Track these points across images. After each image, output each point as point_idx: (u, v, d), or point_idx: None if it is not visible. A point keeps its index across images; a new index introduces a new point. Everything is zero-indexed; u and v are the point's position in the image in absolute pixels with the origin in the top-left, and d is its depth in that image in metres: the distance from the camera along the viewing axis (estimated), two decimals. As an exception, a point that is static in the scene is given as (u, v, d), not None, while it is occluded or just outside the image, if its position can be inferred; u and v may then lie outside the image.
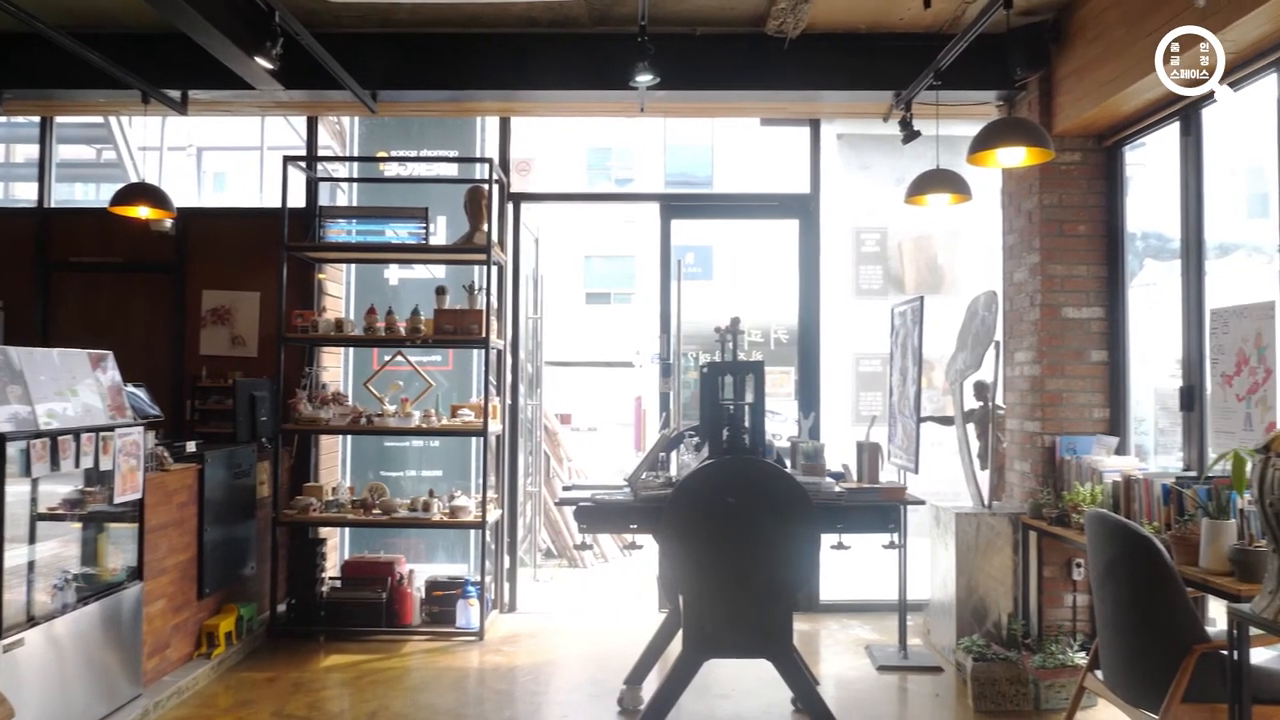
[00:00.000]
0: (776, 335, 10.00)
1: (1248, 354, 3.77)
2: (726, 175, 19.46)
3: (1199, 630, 3.19)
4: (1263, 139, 3.90)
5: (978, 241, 7.88)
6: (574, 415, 20.01)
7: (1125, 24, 4.37)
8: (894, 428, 5.68)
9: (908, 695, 4.73)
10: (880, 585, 5.99)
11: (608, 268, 22.61)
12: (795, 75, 5.40)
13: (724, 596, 3.77)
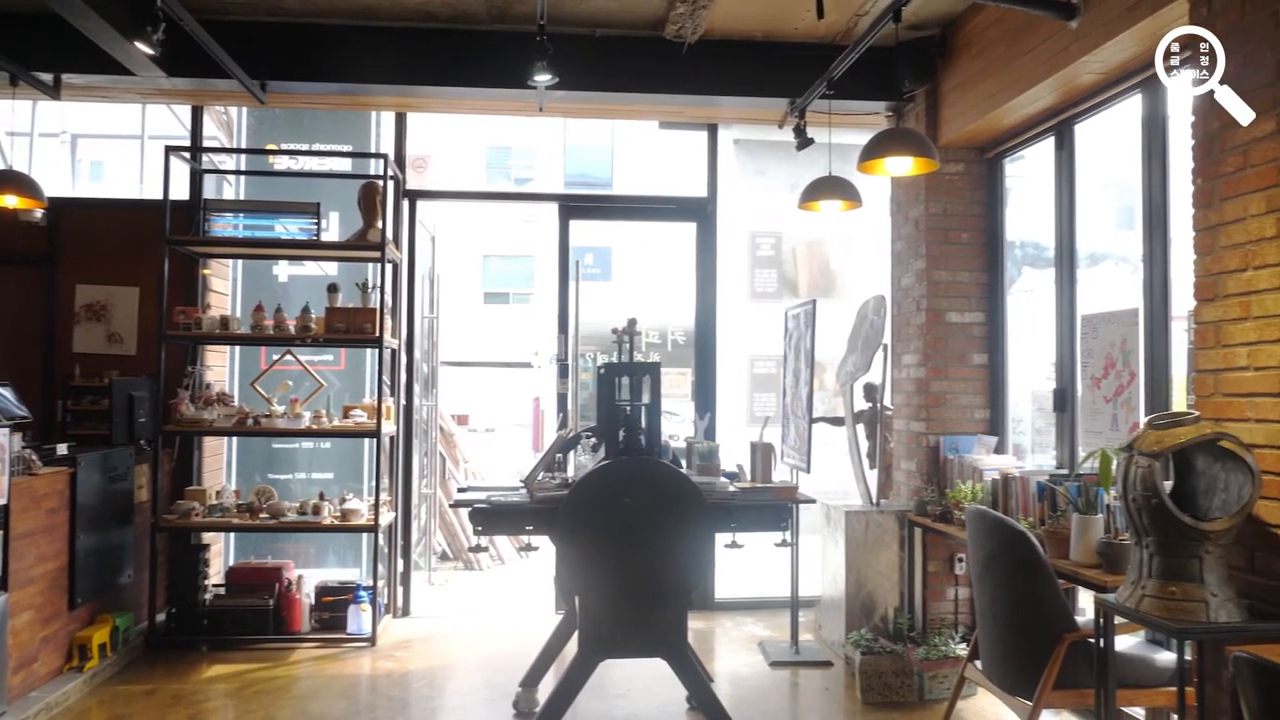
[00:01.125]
0: (674, 337, 10.09)
1: (1115, 358, 3.99)
2: (626, 177, 19.57)
3: (1069, 620, 3.36)
4: (1130, 155, 4.13)
5: (868, 247, 8.12)
6: (471, 416, 19.78)
7: (1005, 41, 4.57)
8: (787, 428, 5.81)
9: (799, 690, 4.84)
10: (774, 582, 6.11)
11: (506, 267, 22.44)
12: (693, 80, 5.46)
13: (620, 597, 3.79)
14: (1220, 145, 2.99)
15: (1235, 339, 2.93)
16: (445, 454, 8.34)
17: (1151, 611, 2.74)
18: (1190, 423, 2.80)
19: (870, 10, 4.91)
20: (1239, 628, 2.64)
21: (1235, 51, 2.93)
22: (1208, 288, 3.05)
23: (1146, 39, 3.69)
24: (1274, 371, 2.77)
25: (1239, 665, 2.28)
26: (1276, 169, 2.77)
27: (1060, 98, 4.46)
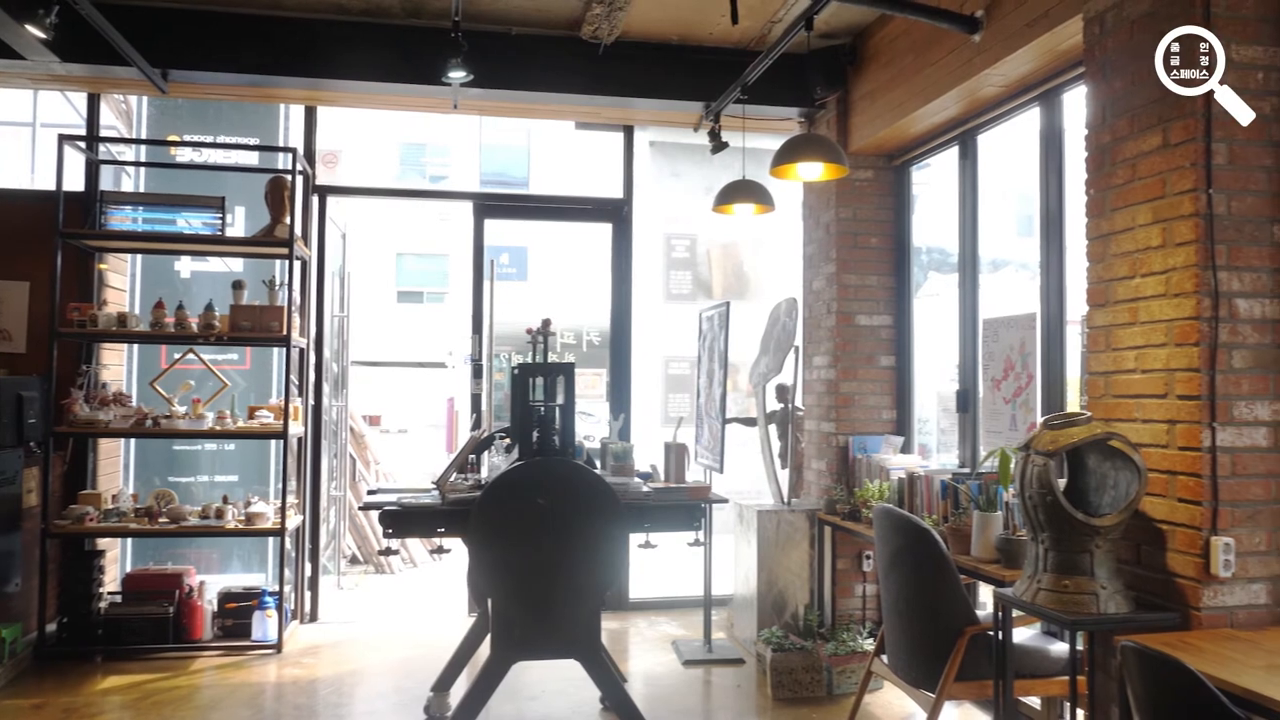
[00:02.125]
0: (589, 338, 10.08)
1: (1014, 361, 4.13)
2: (543, 177, 19.47)
3: (970, 614, 3.47)
4: (1029, 166, 4.29)
5: (781, 250, 8.24)
6: (384, 417, 19.41)
7: (913, 52, 4.70)
8: (701, 429, 5.86)
9: (711, 688, 4.88)
10: (688, 582, 6.16)
11: (420, 266, 22.10)
12: (610, 81, 5.47)
13: (533, 598, 3.77)
14: (1111, 158, 3.13)
15: (1124, 343, 3.07)
16: (356, 455, 8.18)
17: (1046, 604, 2.85)
18: (1083, 423, 2.93)
19: (784, 18, 5.00)
20: (1126, 618, 2.77)
21: (1124, 70, 3.07)
22: (1099, 294, 3.19)
23: (1044, 54, 3.85)
24: (1159, 374, 2.91)
25: (1125, 654, 2.39)
26: (1162, 182, 2.91)
27: (964, 108, 4.61)
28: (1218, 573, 2.74)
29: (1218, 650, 2.51)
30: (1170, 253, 2.88)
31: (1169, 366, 2.88)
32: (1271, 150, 2.86)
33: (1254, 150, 2.85)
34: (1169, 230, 2.88)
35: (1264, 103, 2.85)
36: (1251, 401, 2.81)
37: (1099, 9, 3.21)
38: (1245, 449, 2.80)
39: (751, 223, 8.02)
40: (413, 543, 7.98)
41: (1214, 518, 2.76)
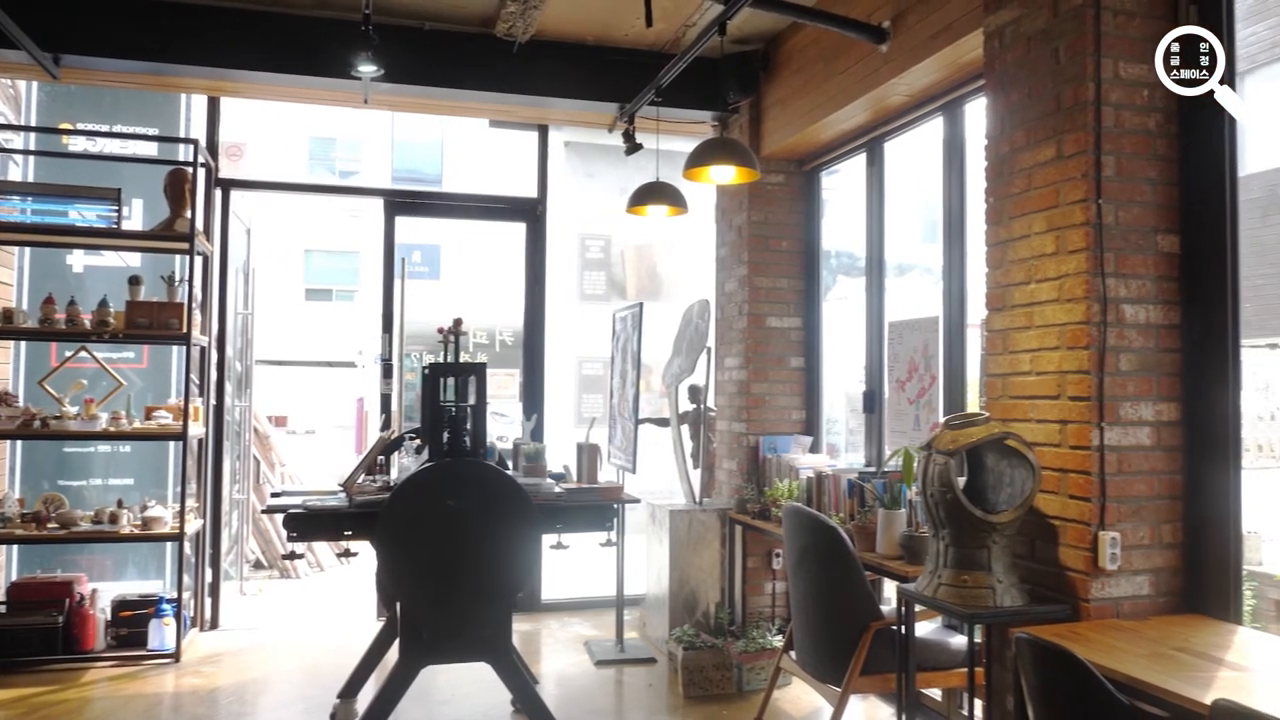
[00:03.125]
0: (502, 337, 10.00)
1: (918, 362, 4.25)
2: (456, 174, 19.22)
3: (875, 610, 3.56)
4: (933, 174, 4.42)
5: (694, 252, 8.32)
6: (290, 417, 18.91)
7: (823, 60, 4.80)
8: (614, 429, 5.87)
9: (624, 687, 4.90)
10: (601, 582, 6.17)
11: (330, 263, 21.59)
12: (524, 80, 5.44)
13: (443, 601, 3.72)
14: (1009, 168, 3.25)
15: (1020, 346, 3.19)
16: (260, 457, 7.95)
17: (947, 599, 2.94)
18: (981, 423, 3.03)
19: (698, 22, 5.04)
20: (1020, 610, 2.88)
21: (1021, 83, 3.19)
22: (997, 298, 3.31)
23: (947, 66, 3.97)
24: (1052, 376, 3.03)
25: (1019, 645, 2.49)
26: (1056, 191, 3.03)
27: (872, 116, 4.72)
28: (1105, 566, 2.87)
29: (1104, 639, 2.62)
30: (1063, 260, 3.00)
31: (1061, 369, 3.00)
32: (1156, 164, 3.01)
33: (1140, 163, 2.98)
34: (1062, 238, 3.00)
35: (1149, 118, 3.00)
36: (1136, 402, 2.95)
37: (998, 24, 3.32)
38: (1130, 448, 2.93)
39: (665, 224, 8.07)
40: (320, 546, 7.80)
41: (1102, 513, 2.88)
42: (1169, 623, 2.83)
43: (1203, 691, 2.14)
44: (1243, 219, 2.99)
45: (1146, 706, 2.25)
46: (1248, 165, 10.29)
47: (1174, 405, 2.99)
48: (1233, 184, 2.94)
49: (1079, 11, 2.95)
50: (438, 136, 20.47)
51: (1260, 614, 7.43)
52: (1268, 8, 10.01)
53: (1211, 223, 2.95)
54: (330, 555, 7.88)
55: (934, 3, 3.87)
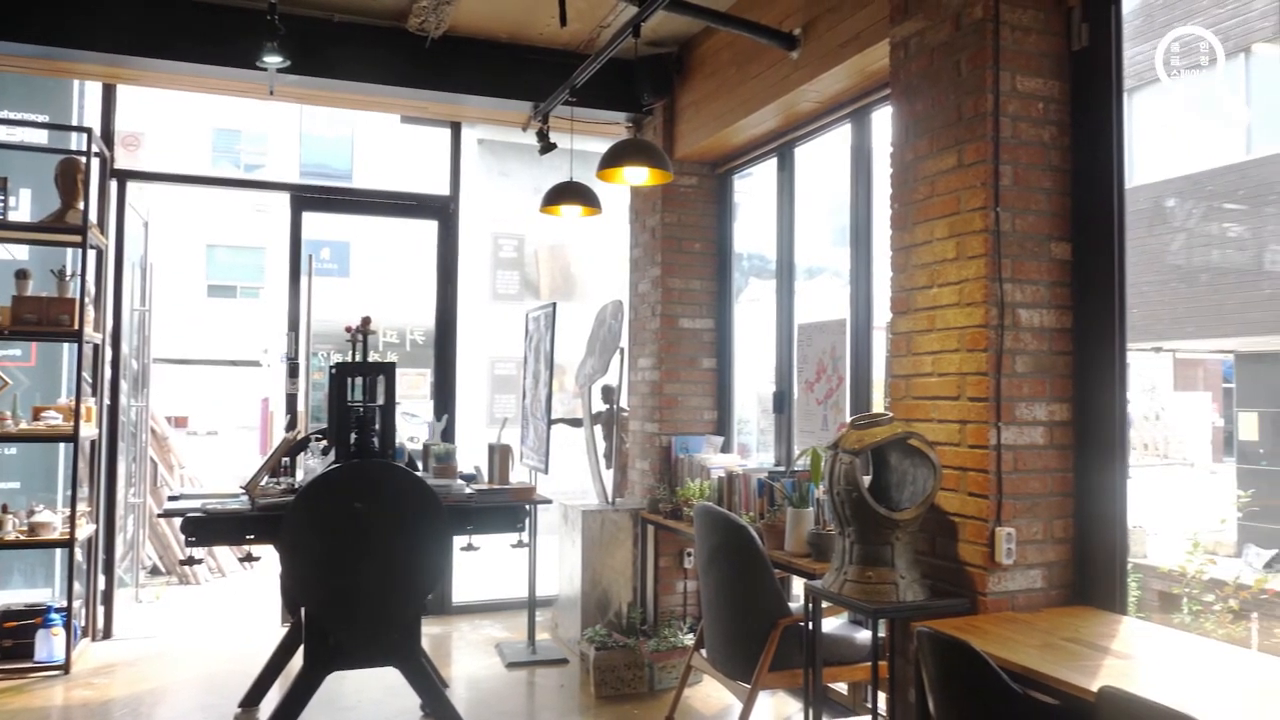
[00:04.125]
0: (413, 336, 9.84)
1: (826, 364, 4.34)
2: (367, 170, 18.85)
3: (783, 607, 3.61)
4: (842, 179, 4.52)
5: (608, 253, 8.33)
6: (191, 418, 18.29)
7: (735, 65, 4.86)
8: (526, 429, 5.84)
9: (535, 689, 4.88)
10: (513, 584, 6.13)
11: (234, 259, 20.95)
12: (437, 76, 5.36)
13: (349, 605, 3.65)
14: (913, 175, 3.34)
15: (923, 348, 3.28)
16: (158, 459, 7.66)
17: (852, 595, 3.01)
18: (886, 423, 3.10)
19: (612, 23, 5.05)
20: (922, 605, 2.96)
21: (925, 93, 3.28)
22: (901, 302, 3.40)
23: (855, 74, 4.07)
24: (952, 377, 3.13)
25: (920, 639, 2.56)
26: (957, 199, 3.13)
27: (783, 121, 4.80)
28: (1001, 560, 2.97)
29: (1000, 631, 2.72)
30: (963, 265, 3.10)
31: (961, 370, 3.10)
32: (1050, 174, 3.13)
33: (1036, 173, 3.10)
34: (962, 244, 3.10)
35: (1044, 130, 3.12)
36: (1031, 403, 3.07)
37: (903, 36, 3.42)
38: (1025, 446, 3.05)
39: (580, 224, 8.05)
40: (222, 551, 7.56)
41: (998, 510, 2.99)
42: (1060, 614, 2.95)
43: (1090, 679, 2.24)
44: (1130, 229, 3.14)
45: (1039, 695, 2.34)
46: (1135, 178, 10.81)
47: (1066, 406, 3.12)
48: (1120, 195, 3.08)
49: (979, 26, 3.05)
50: (348, 131, 20.05)
51: (1144, 604, 7.80)
52: (1153, 29, 10.52)
53: (1101, 231, 3.08)
54: (233, 560, 7.64)
55: (843, 12, 3.96)
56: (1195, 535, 8.03)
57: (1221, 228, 10.38)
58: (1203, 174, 10.12)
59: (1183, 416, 19.83)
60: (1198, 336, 10.87)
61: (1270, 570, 7.82)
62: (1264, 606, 7.05)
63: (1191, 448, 19.12)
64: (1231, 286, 10.07)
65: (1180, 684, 2.33)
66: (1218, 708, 2.09)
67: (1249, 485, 9.65)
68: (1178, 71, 10.20)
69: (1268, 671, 2.44)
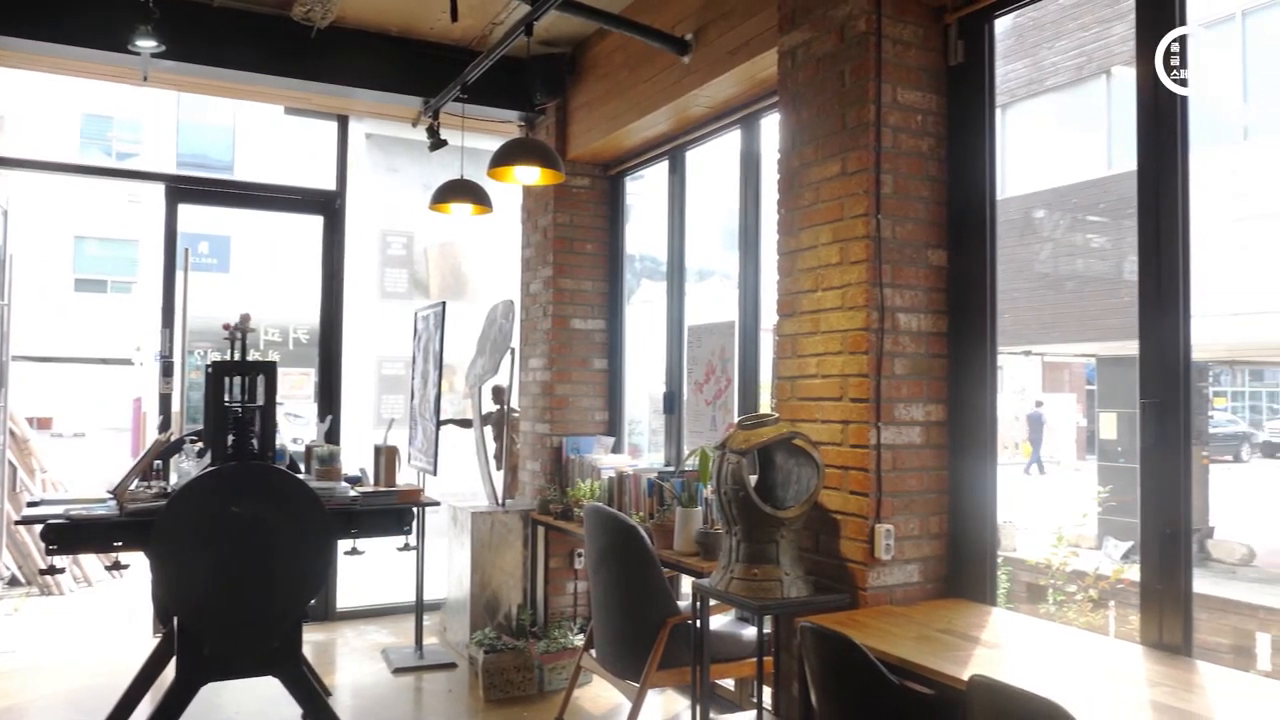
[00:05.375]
0: (297, 335, 9.54)
1: (715, 365, 4.41)
2: (250, 162, 18.19)
3: (672, 605, 3.65)
4: (731, 183, 4.59)
5: (499, 252, 8.26)
6: (56, 419, 17.32)
7: (628, 68, 4.88)
8: (415, 430, 5.74)
9: (423, 694, 4.80)
10: (399, 588, 6.01)
11: (105, 252, 19.94)
12: (323, 67, 5.22)
13: (226, 614, 3.51)
14: (799, 181, 3.43)
15: (808, 350, 3.36)
16: (17, 462, 7.21)
17: (738, 592, 3.06)
18: (772, 423, 3.17)
19: (505, 20, 5.01)
20: (805, 601, 3.03)
21: (811, 102, 3.37)
22: (787, 305, 3.48)
23: (745, 81, 4.14)
24: (835, 379, 3.22)
25: (804, 634, 2.63)
26: (840, 205, 3.22)
27: (674, 125, 4.85)
28: (880, 556, 3.08)
29: (879, 625, 2.81)
30: (846, 270, 3.19)
31: (844, 372, 3.19)
32: (928, 184, 3.26)
33: (914, 183, 3.22)
34: (845, 249, 3.20)
35: (922, 142, 3.24)
36: (909, 404, 3.18)
37: (791, 45, 3.50)
38: (903, 446, 3.16)
39: (471, 223, 7.96)
40: (88, 559, 7.17)
41: (878, 507, 3.09)
42: (935, 606, 3.07)
43: (961, 669, 2.34)
44: (1001, 238, 3.30)
45: (915, 685, 2.43)
46: (1007, 189, 11.33)
47: (941, 406, 3.25)
48: (992, 206, 3.22)
49: (863, 39, 3.15)
50: (229, 121, 19.30)
51: (1013, 595, 8.19)
52: (1024, 48, 11.05)
53: (974, 240, 3.22)
54: (100, 568, 7.26)
55: (733, 19, 4.03)
56: (1059, 529, 8.48)
57: (1085, 238, 10.99)
58: (1068, 187, 10.70)
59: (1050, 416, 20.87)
60: (1063, 341, 11.49)
61: (1127, 561, 8.32)
62: (1120, 595, 7.49)
63: (1058, 446, 20.16)
64: (1094, 294, 10.67)
65: (1043, 670, 2.45)
66: (1075, 691, 2.21)
67: (1108, 481, 10.25)
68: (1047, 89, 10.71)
69: (1122, 656, 2.60)
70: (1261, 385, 25.00)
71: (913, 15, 3.23)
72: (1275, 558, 10.15)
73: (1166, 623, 2.60)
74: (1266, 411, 24.15)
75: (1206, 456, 11.35)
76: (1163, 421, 2.64)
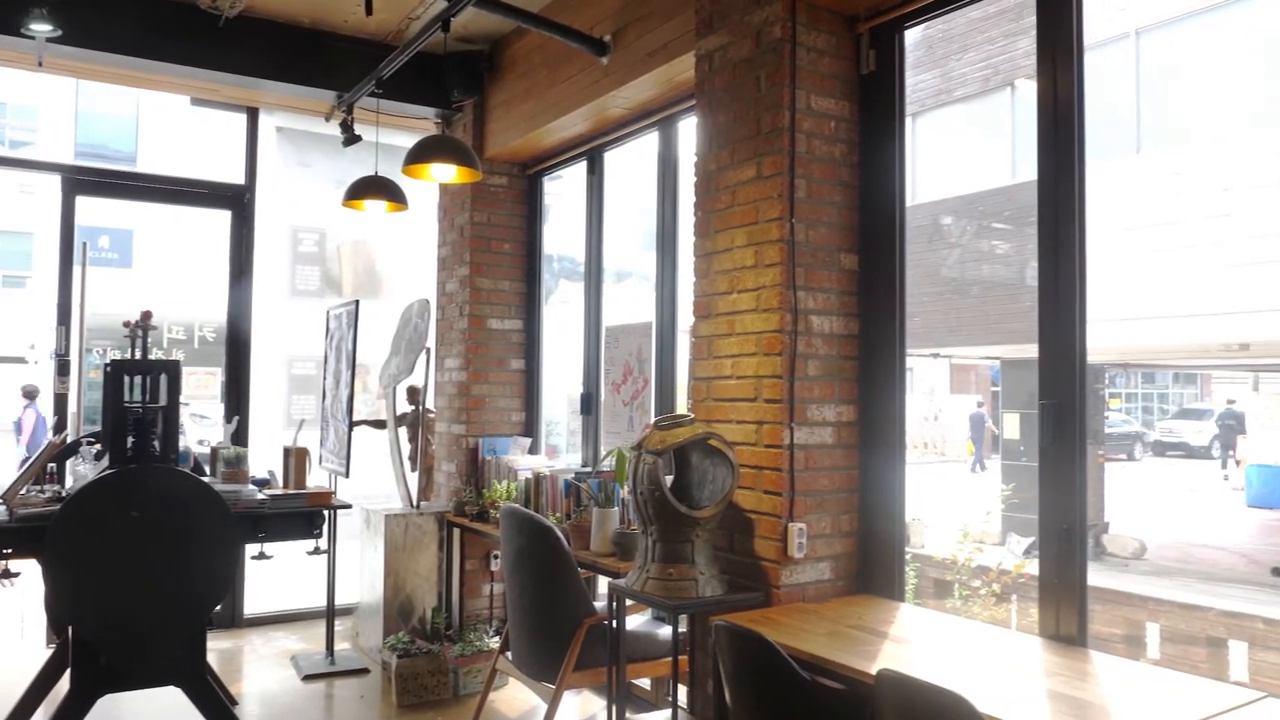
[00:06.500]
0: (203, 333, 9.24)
1: (632, 366, 4.42)
2: (154, 153, 17.55)
3: (588, 606, 3.65)
4: (650, 185, 4.62)
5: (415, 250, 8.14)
6: (-61, 420, 16.41)
7: (547, 67, 4.87)
8: (326, 431, 5.62)
9: (334, 701, 4.70)
10: (310, 593, 5.88)
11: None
12: (232, 58, 5.07)
13: (125, 622, 3.39)
14: (715, 184, 3.46)
15: (723, 351, 3.40)
16: (-103, 467, 6.83)
17: (654, 592, 3.08)
18: (687, 424, 3.20)
19: (422, 15, 4.95)
20: (720, 600, 3.07)
21: (728, 106, 3.41)
22: (703, 306, 3.51)
23: (663, 84, 4.17)
24: (750, 380, 3.27)
25: (718, 632, 2.65)
26: (755, 209, 3.27)
27: (593, 126, 4.85)
28: (793, 554, 3.13)
29: (791, 622, 2.86)
30: (761, 272, 3.24)
31: (758, 374, 3.24)
32: (841, 189, 3.33)
33: (827, 188, 3.29)
34: (760, 252, 3.24)
35: (835, 148, 3.31)
36: (821, 405, 3.25)
37: (709, 49, 3.53)
38: (815, 446, 3.22)
39: (385, 220, 7.82)
40: (-26, 567, 6.82)
41: (791, 506, 3.15)
42: (846, 603, 3.14)
43: (870, 663, 2.39)
44: (911, 243, 3.39)
45: (827, 681, 2.48)
46: (917, 196, 11.64)
47: (852, 407, 3.32)
48: (902, 211, 3.31)
49: (778, 45, 3.20)
50: (133, 111, 18.60)
51: (921, 591, 8.43)
52: (934, 59, 11.37)
53: (885, 245, 3.30)
54: (-13, 577, 6.91)
55: (652, 22, 4.05)
56: (965, 526, 8.75)
57: (990, 245, 11.37)
58: (975, 195, 11.06)
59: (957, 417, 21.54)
60: (970, 344, 11.86)
61: (1028, 556, 8.63)
62: (1022, 589, 7.78)
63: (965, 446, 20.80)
64: (998, 299, 11.05)
65: (948, 663, 2.53)
66: (977, 683, 2.29)
67: (1011, 479, 10.62)
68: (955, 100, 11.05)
69: (1021, 648, 2.70)
70: (1153, 387, 26.24)
71: (826, 24, 3.30)
72: (1165, 551, 10.67)
73: (1063, 615, 2.71)
74: (1158, 412, 25.36)
75: (1102, 455, 11.88)
76: (1060, 422, 2.74)
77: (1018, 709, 2.09)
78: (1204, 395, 25.49)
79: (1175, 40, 10.06)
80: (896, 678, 2.05)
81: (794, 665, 2.41)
